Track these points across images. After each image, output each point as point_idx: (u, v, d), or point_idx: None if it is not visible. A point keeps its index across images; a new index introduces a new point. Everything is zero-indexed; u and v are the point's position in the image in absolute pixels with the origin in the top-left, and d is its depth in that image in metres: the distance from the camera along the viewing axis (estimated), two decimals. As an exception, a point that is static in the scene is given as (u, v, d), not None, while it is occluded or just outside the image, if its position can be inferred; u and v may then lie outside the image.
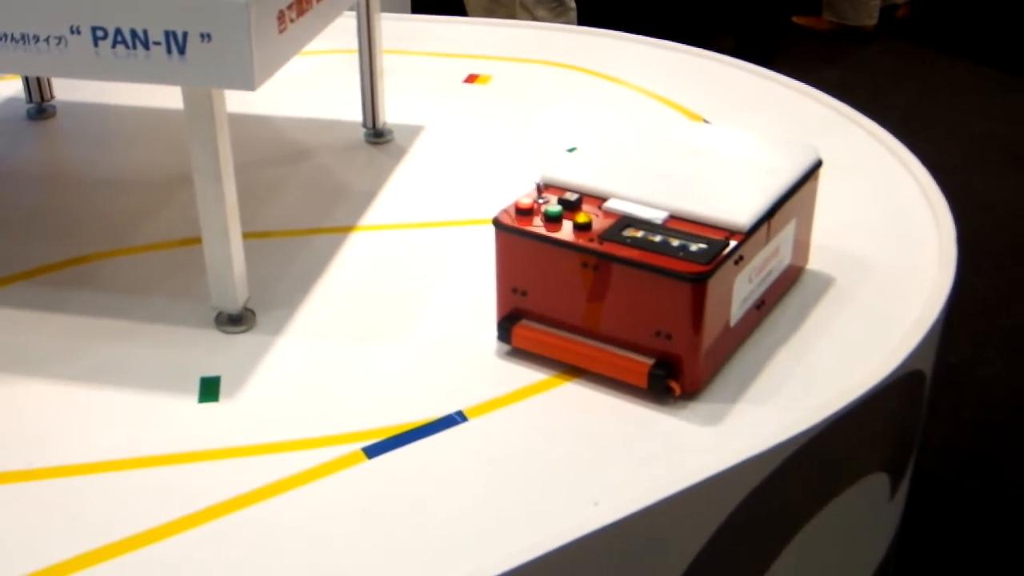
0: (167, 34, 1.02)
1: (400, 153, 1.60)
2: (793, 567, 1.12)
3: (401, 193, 1.50)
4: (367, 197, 1.49)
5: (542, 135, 1.65)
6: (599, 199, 1.12)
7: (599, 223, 1.09)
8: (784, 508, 1.08)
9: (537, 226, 1.09)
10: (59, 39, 1.04)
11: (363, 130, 1.64)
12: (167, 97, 1.71)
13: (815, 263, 1.29)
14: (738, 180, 1.15)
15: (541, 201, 1.11)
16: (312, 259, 1.34)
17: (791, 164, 1.18)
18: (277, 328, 1.21)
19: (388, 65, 1.64)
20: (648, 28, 2.14)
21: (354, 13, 1.54)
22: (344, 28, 1.50)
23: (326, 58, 1.89)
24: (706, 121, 1.67)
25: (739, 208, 1.10)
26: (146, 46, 1.03)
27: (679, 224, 1.08)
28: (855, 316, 1.21)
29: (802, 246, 1.24)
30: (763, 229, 1.11)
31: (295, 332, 1.20)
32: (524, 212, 1.10)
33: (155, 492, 0.98)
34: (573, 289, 1.08)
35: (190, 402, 1.09)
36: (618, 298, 1.06)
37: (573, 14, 3.10)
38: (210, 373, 1.13)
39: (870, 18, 3.82)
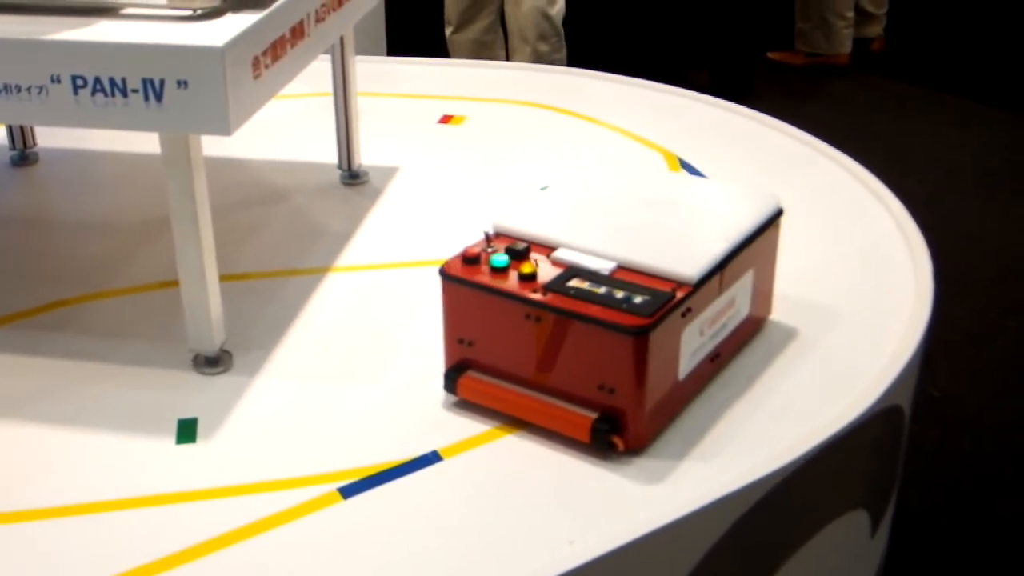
0: (144, 82, 1.04)
1: (375, 194, 1.63)
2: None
3: (377, 234, 1.52)
4: (343, 238, 1.50)
5: (516, 175, 1.68)
6: (549, 248, 1.11)
7: (546, 273, 1.07)
8: (753, 556, 1.08)
9: (483, 276, 1.07)
10: (40, 88, 1.06)
11: (339, 172, 1.66)
12: (146, 143, 1.73)
13: (784, 309, 1.28)
14: (692, 231, 1.14)
15: (490, 250, 1.10)
16: (288, 300, 1.35)
17: (749, 214, 1.17)
18: (254, 369, 1.22)
19: (363, 107, 1.66)
20: (623, 65, 2.17)
21: (329, 56, 1.57)
22: (319, 71, 1.52)
23: (301, 101, 1.91)
24: (681, 159, 1.70)
25: (688, 259, 1.08)
26: (124, 94, 1.05)
27: (627, 275, 1.07)
28: (818, 364, 1.20)
29: (763, 296, 1.22)
30: (715, 280, 1.09)
31: (272, 373, 1.21)
32: (471, 261, 1.09)
33: (133, 534, 0.99)
34: (517, 341, 1.06)
35: (168, 443, 1.10)
36: (561, 350, 1.04)
37: (565, 51, 3.14)
38: (187, 415, 1.14)
39: (843, 46, 3.87)
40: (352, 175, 1.66)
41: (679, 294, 1.04)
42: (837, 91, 3.80)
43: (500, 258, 1.08)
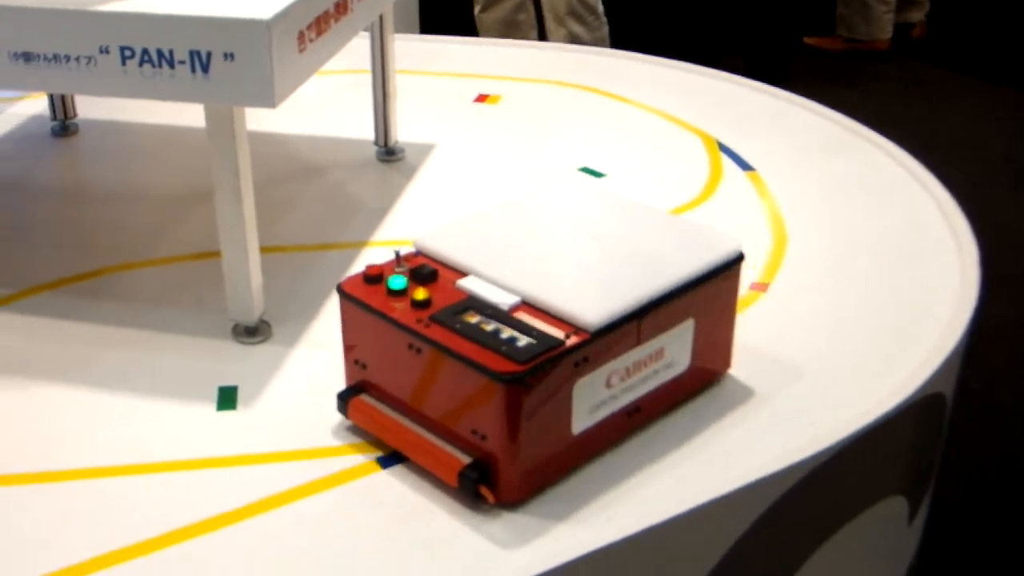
0: (191, 53, 1.05)
1: (411, 171, 1.63)
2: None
3: (412, 210, 1.53)
4: (379, 214, 1.51)
5: (552, 155, 1.68)
6: (462, 274, 1.03)
7: (444, 301, 0.99)
8: (790, 537, 1.07)
9: (376, 297, 1.01)
10: (89, 59, 1.07)
11: (375, 148, 1.67)
12: (184, 116, 1.75)
13: (826, 287, 1.29)
14: (619, 271, 1.03)
15: (398, 270, 1.04)
16: (325, 273, 1.37)
17: (693, 259, 1.05)
18: (292, 339, 1.23)
19: (400, 85, 1.67)
20: (657, 48, 2.16)
21: (367, 34, 1.58)
22: (357, 49, 1.53)
23: (339, 78, 1.92)
24: (720, 142, 1.70)
25: (595, 303, 0.97)
26: (171, 65, 1.06)
27: (528, 313, 0.98)
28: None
29: (713, 348, 1.10)
30: (630, 329, 0.99)
31: (310, 343, 1.23)
32: (372, 280, 1.03)
33: (175, 496, 1.01)
34: (402, 370, 1.00)
35: (209, 410, 1.12)
36: (439, 388, 0.98)
37: (606, 29, 3.09)
38: (228, 383, 1.16)
39: (883, 32, 3.82)
40: (388, 151, 1.67)
41: (571, 341, 0.94)
42: (876, 77, 3.74)
43: (398, 280, 1.01)
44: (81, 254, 1.42)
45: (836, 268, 1.37)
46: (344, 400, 1.06)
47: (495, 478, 0.96)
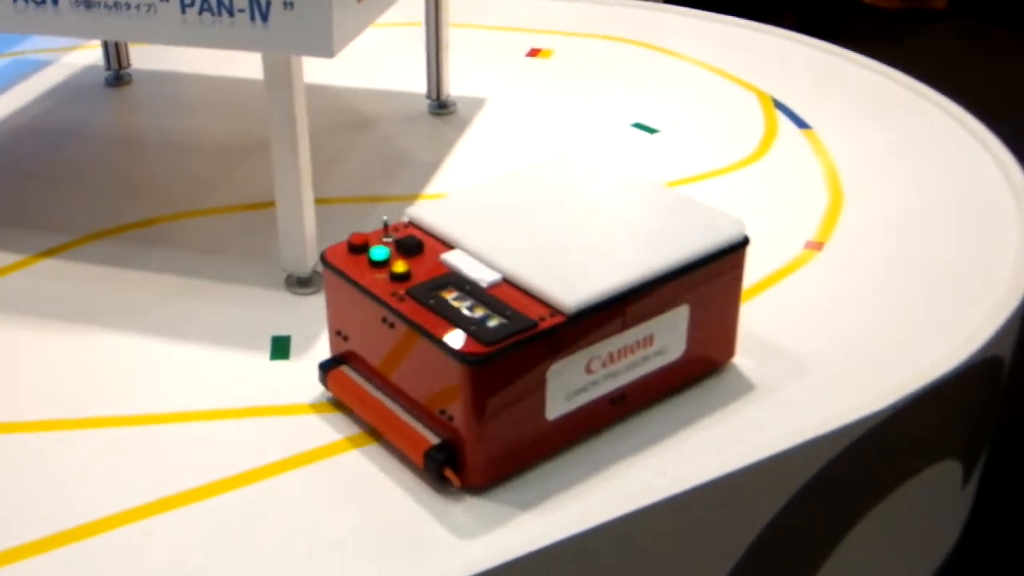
0: (251, 2, 1.05)
1: (463, 124, 1.63)
2: (862, 549, 1.11)
3: (463, 163, 1.52)
4: (430, 167, 1.51)
5: (603, 110, 1.67)
6: (450, 247, 1.01)
7: (424, 275, 0.97)
8: (843, 499, 1.07)
9: (356, 268, 0.99)
10: (149, 6, 1.08)
11: (427, 101, 1.67)
12: (238, 66, 1.75)
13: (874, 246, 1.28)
14: (610, 252, 0.99)
15: (385, 240, 1.03)
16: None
17: (691, 242, 1.01)
18: (345, 291, 1.24)
19: (452, 38, 1.66)
20: (710, 4, 2.13)
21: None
22: (411, 1, 1.52)
23: (392, 30, 1.92)
24: (775, 99, 1.68)
25: (574, 285, 0.94)
26: (231, 13, 1.06)
27: (508, 291, 0.95)
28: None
29: (713, 337, 1.05)
30: (614, 313, 0.95)
31: (362, 296, 1.23)
32: (356, 249, 1.01)
33: (229, 444, 1.02)
34: (377, 345, 0.99)
35: (262, 359, 1.13)
36: (411, 365, 0.96)
37: None
38: (280, 332, 1.17)
39: None
40: (440, 105, 1.66)
41: (546, 323, 0.91)
42: (932, 36, 3.67)
43: (380, 251, 0.99)
44: (134, 203, 1.43)
45: (894, 227, 1.35)
46: (324, 371, 1.05)
47: (461, 461, 0.93)
